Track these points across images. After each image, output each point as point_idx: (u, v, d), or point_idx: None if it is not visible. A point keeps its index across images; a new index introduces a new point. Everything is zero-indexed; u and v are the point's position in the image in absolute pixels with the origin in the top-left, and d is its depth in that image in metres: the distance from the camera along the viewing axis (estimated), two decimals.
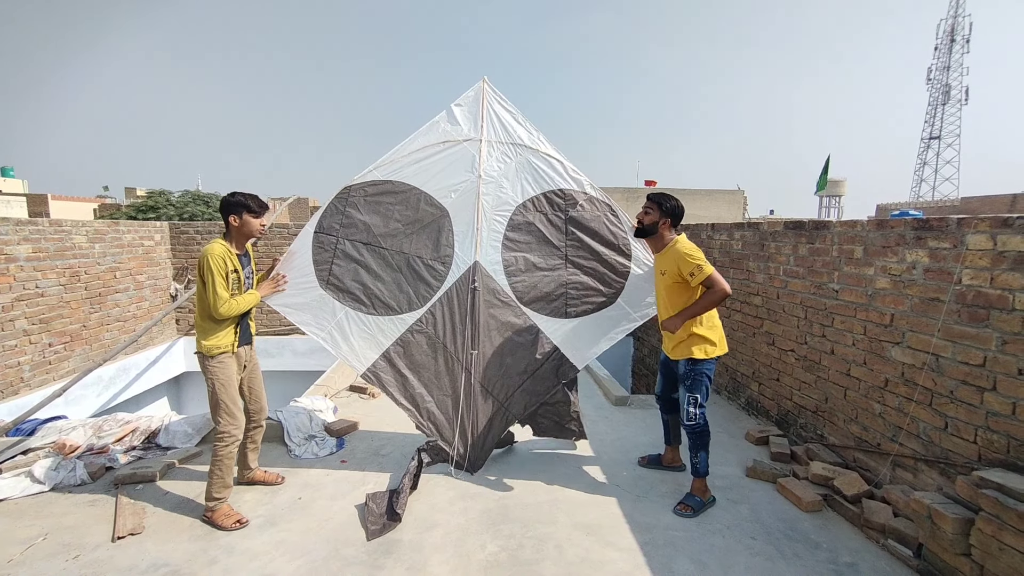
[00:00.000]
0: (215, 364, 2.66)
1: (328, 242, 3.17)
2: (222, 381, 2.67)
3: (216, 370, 2.66)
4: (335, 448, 3.60)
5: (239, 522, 2.64)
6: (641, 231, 2.94)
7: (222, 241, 2.68)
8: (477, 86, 3.31)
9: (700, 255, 2.72)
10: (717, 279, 2.66)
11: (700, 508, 2.80)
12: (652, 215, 2.88)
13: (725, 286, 2.67)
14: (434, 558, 2.41)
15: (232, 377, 2.72)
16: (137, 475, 3.09)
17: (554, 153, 3.30)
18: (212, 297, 2.57)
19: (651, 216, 2.88)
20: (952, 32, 54.12)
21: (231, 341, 2.71)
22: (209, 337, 2.64)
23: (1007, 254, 2.24)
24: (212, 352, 2.64)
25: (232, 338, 2.71)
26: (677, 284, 2.78)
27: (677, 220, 2.89)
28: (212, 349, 2.64)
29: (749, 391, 4.28)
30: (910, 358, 2.70)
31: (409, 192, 3.22)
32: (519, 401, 3.28)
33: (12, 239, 4.66)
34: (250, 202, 2.69)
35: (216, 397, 2.67)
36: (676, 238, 2.85)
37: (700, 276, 2.66)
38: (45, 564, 2.35)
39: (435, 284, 3.21)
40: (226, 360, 2.69)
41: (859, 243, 3.05)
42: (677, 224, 2.91)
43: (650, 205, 2.90)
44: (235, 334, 2.73)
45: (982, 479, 2.10)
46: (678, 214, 2.88)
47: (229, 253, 2.66)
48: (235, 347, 2.73)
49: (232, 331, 2.71)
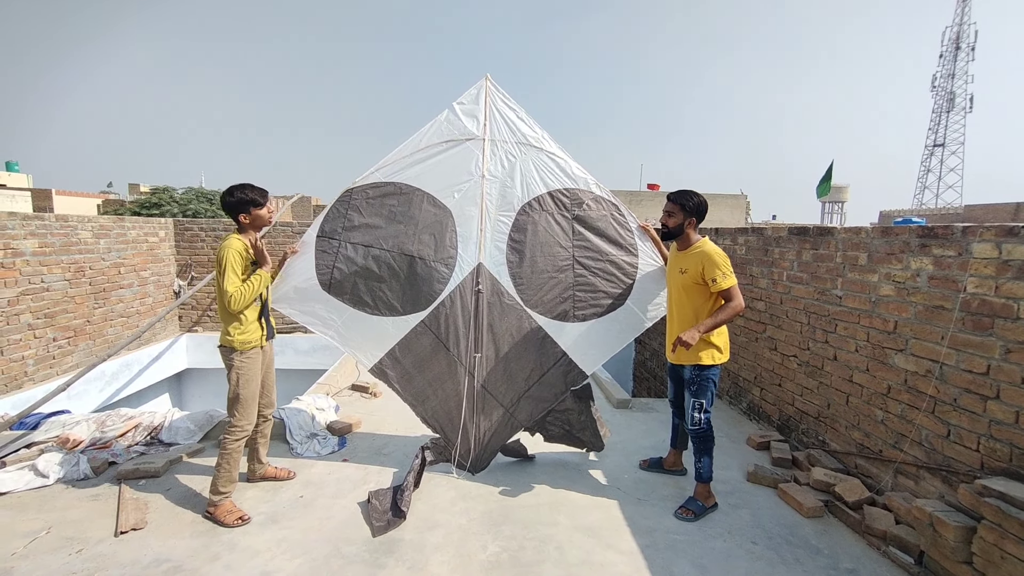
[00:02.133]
0: (243, 359, 2.67)
1: (331, 246, 3.14)
2: (247, 376, 2.69)
3: (244, 365, 2.67)
4: (337, 447, 3.61)
5: (241, 519, 2.65)
6: (667, 235, 2.89)
7: (238, 236, 2.69)
8: (480, 84, 3.23)
9: (728, 264, 2.68)
10: (737, 293, 2.65)
11: (702, 513, 2.79)
12: (676, 217, 2.81)
13: (741, 301, 2.66)
14: (435, 558, 2.42)
15: (257, 372, 2.74)
16: (140, 470, 3.10)
17: (559, 152, 3.23)
18: (223, 294, 2.56)
19: (675, 218, 2.81)
20: (957, 40, 54.08)
21: (260, 335, 2.73)
22: (239, 331, 2.65)
23: (1012, 263, 2.24)
24: (244, 347, 2.66)
25: (260, 332, 2.74)
26: (696, 285, 2.73)
27: (702, 217, 2.83)
28: (244, 344, 2.66)
29: (751, 396, 4.28)
30: (913, 365, 2.70)
31: (412, 193, 3.18)
32: (525, 408, 3.24)
33: (19, 234, 4.69)
34: (253, 195, 2.70)
35: (238, 391, 2.68)
36: (703, 239, 2.80)
37: (721, 284, 2.63)
38: (48, 558, 2.36)
39: (438, 286, 3.17)
40: (254, 355, 2.71)
41: (863, 250, 3.05)
42: (702, 221, 2.85)
43: (672, 207, 2.83)
44: (263, 327, 2.75)
45: (984, 487, 2.10)
46: (702, 211, 2.82)
47: (247, 248, 2.68)
48: (263, 341, 2.75)
49: (259, 325, 2.73)
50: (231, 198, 2.67)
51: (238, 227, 2.75)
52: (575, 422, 3.29)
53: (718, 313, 2.68)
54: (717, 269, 2.64)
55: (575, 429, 3.30)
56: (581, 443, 3.34)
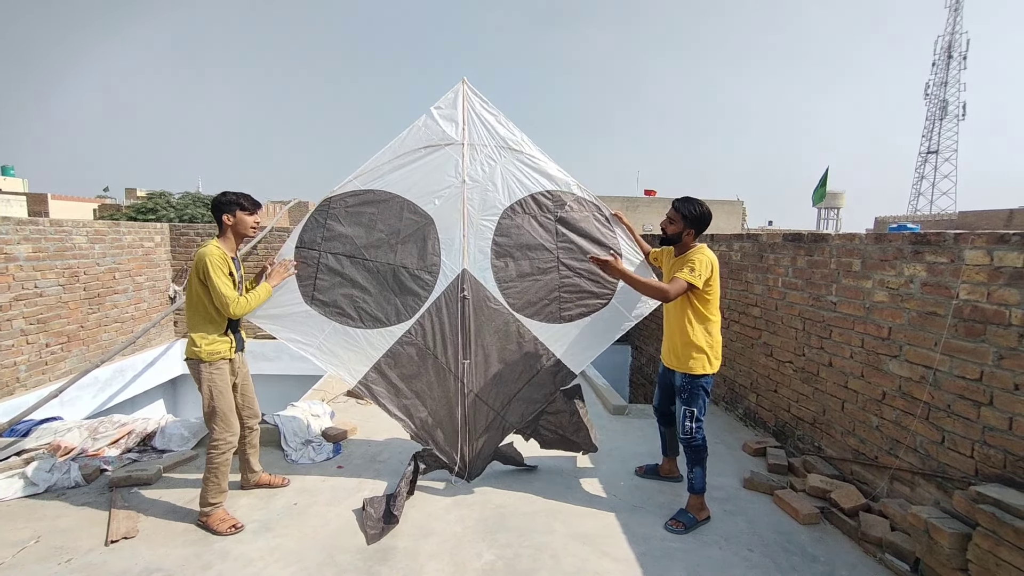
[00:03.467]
0: (212, 370, 2.64)
1: (311, 257, 3.08)
2: (219, 388, 2.65)
3: (214, 376, 2.64)
4: (332, 453, 3.59)
5: (234, 527, 2.62)
6: (666, 240, 2.90)
7: (216, 243, 2.67)
8: (456, 87, 3.19)
9: (705, 270, 2.67)
10: (679, 286, 2.61)
11: (693, 526, 2.73)
12: (676, 225, 2.81)
13: (671, 294, 2.62)
14: (429, 566, 2.40)
15: (227, 384, 2.71)
16: (132, 478, 3.07)
17: (539, 154, 3.23)
18: (220, 298, 2.56)
19: (675, 226, 2.81)
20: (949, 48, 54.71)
21: (228, 347, 2.70)
22: (208, 342, 2.62)
23: (1004, 270, 2.26)
24: (212, 358, 2.63)
25: (230, 343, 2.71)
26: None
27: (702, 229, 2.83)
28: (212, 355, 2.62)
29: (747, 402, 4.28)
30: (907, 371, 2.71)
31: (391, 201, 3.13)
32: (516, 409, 3.24)
33: (12, 238, 4.66)
34: (242, 200, 2.70)
35: (212, 404, 2.65)
36: (700, 246, 2.80)
37: (680, 275, 2.64)
38: (37, 567, 2.33)
39: (423, 294, 3.14)
40: (223, 366, 2.68)
41: (857, 256, 3.07)
42: (702, 232, 2.85)
43: (673, 214, 2.82)
44: (231, 340, 2.72)
45: (979, 494, 2.10)
46: (704, 222, 2.81)
47: (225, 256, 2.66)
48: (232, 352, 2.73)
49: (228, 336, 2.71)
50: (222, 197, 2.70)
51: (219, 230, 2.73)
52: (567, 424, 3.29)
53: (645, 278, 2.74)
54: (692, 263, 2.66)
55: (568, 432, 3.30)
56: (576, 446, 3.33)
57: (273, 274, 2.93)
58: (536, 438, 3.33)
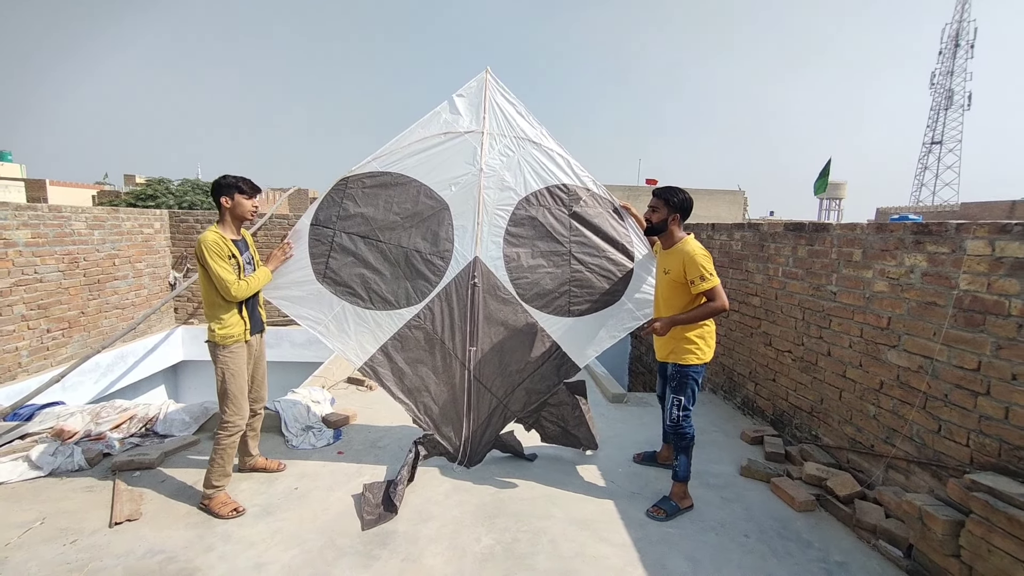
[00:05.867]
0: (227, 354, 2.67)
1: (325, 235, 3.11)
2: (232, 371, 2.68)
3: (227, 360, 2.67)
4: (332, 439, 3.61)
5: (236, 510, 2.66)
6: (650, 230, 2.88)
7: (214, 228, 2.68)
8: (480, 76, 3.23)
9: (709, 264, 2.64)
10: (719, 293, 2.60)
11: (674, 513, 2.74)
12: (660, 212, 2.79)
13: (725, 301, 2.61)
14: (429, 550, 2.43)
15: (242, 367, 2.73)
16: (135, 462, 3.10)
17: (557, 148, 3.24)
18: (220, 283, 2.58)
19: (659, 214, 2.79)
20: (957, 37, 54.05)
21: (242, 329, 2.72)
22: (220, 326, 2.64)
23: (1004, 260, 2.25)
24: (225, 341, 2.65)
25: (243, 326, 2.72)
26: (679, 285, 2.70)
27: (686, 214, 2.80)
28: (225, 338, 2.65)
29: (745, 391, 4.30)
30: (906, 361, 2.72)
31: (408, 184, 3.15)
32: (519, 399, 3.25)
33: (11, 224, 4.65)
34: (241, 183, 2.71)
35: (225, 386, 2.68)
36: (686, 237, 2.76)
37: (702, 286, 2.59)
38: (43, 548, 2.36)
39: (433, 279, 3.16)
40: (237, 350, 2.70)
41: (858, 246, 3.06)
42: (686, 218, 2.83)
43: (656, 202, 2.81)
44: (245, 322, 2.74)
45: (973, 482, 2.12)
46: (687, 208, 2.79)
47: (223, 239, 2.66)
48: (247, 335, 2.74)
49: (241, 319, 2.72)
50: (221, 180, 2.71)
51: (219, 214, 2.74)
52: (570, 418, 3.30)
53: (696, 310, 2.67)
54: (697, 271, 2.59)
55: (570, 426, 3.31)
56: (577, 440, 3.35)
57: (271, 258, 2.97)
58: (538, 429, 3.35)
